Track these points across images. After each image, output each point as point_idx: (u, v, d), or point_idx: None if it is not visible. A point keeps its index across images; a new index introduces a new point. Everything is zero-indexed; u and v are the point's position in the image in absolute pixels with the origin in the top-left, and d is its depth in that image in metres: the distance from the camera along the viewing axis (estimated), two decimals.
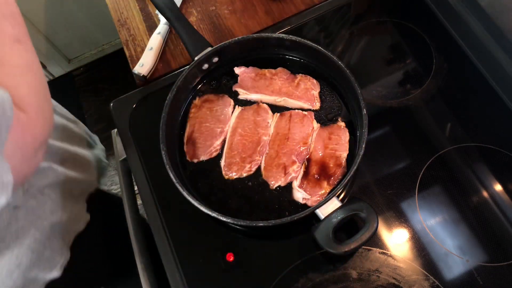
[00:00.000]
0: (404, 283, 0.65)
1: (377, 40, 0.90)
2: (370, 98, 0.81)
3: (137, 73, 0.86)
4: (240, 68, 0.82)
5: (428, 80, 0.82)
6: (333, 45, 0.89)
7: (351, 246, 0.61)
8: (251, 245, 0.71)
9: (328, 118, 0.77)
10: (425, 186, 0.72)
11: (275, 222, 0.63)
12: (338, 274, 0.67)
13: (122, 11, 0.99)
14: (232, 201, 0.72)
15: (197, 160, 0.76)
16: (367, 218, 0.63)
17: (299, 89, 0.79)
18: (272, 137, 0.76)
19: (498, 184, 0.72)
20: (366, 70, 0.85)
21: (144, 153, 0.80)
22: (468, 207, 0.70)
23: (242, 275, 0.68)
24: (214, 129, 0.78)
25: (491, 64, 0.81)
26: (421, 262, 0.67)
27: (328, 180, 0.70)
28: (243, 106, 0.80)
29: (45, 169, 0.73)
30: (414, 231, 0.69)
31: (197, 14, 0.95)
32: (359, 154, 0.66)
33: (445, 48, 0.85)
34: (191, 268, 0.69)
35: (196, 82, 0.82)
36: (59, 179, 0.76)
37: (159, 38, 0.90)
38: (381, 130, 0.78)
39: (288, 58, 0.83)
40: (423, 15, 0.89)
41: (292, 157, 0.73)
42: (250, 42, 0.80)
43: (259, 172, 0.74)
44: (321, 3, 0.93)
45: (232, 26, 0.93)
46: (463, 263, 0.66)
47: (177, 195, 0.67)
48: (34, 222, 0.70)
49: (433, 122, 0.78)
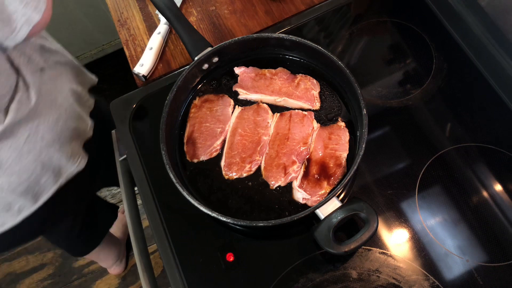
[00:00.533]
0: (404, 283, 0.65)
1: (377, 40, 0.90)
2: (370, 98, 0.81)
3: (137, 73, 0.86)
4: (240, 68, 0.82)
5: (428, 80, 0.82)
6: (333, 45, 0.89)
7: (351, 246, 0.61)
8: (251, 245, 0.71)
9: (328, 118, 0.77)
10: (425, 186, 0.72)
11: (275, 222, 0.63)
12: (338, 274, 0.67)
13: (122, 11, 0.99)
14: (232, 201, 0.72)
15: (197, 160, 0.76)
16: (367, 218, 0.63)
17: (299, 89, 0.79)
18: (272, 137, 0.76)
19: (498, 184, 0.72)
20: (366, 70, 0.85)
21: (144, 153, 0.80)
22: (468, 207, 0.70)
23: (242, 275, 0.68)
24: (214, 129, 0.78)
25: (491, 64, 0.81)
26: (421, 262, 0.67)
27: (328, 180, 0.70)
28: (243, 106, 0.80)
29: (57, 51, 0.85)
30: (414, 231, 0.69)
31: (197, 14, 0.95)
32: (359, 154, 0.66)
33: (445, 48, 0.85)
34: (191, 268, 0.69)
35: (196, 82, 0.82)
36: (70, 62, 0.88)
37: (159, 38, 0.90)
38: (381, 130, 0.78)
39: (288, 58, 0.83)
40: (423, 15, 0.89)
41: (292, 157, 0.73)
42: (250, 42, 0.80)
43: (259, 172, 0.74)
44: (321, 3, 0.93)
45: (232, 26, 0.93)
46: (463, 263, 0.66)
47: (177, 195, 0.67)
48: (55, 95, 0.79)
49: (433, 122, 0.78)
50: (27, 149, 0.75)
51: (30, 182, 0.78)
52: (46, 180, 0.81)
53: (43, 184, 0.80)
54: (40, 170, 0.78)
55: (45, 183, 0.81)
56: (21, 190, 0.77)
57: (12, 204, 0.78)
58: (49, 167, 0.80)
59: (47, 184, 0.81)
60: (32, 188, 0.79)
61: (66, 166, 0.83)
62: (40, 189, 0.80)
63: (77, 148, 0.86)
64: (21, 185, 0.77)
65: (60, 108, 0.80)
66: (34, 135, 0.75)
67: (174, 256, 0.70)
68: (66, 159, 0.82)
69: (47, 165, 0.79)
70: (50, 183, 0.82)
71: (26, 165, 0.76)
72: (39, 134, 0.76)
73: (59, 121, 0.79)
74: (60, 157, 0.81)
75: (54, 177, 0.82)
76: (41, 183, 0.80)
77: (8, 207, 0.78)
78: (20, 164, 0.75)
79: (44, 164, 0.79)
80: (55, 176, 0.82)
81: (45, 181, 0.80)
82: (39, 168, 0.78)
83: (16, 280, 1.67)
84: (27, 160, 0.75)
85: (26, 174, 0.76)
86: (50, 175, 0.81)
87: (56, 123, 0.79)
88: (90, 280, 1.65)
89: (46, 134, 0.77)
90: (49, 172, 0.80)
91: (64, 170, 0.83)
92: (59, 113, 0.80)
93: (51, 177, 0.81)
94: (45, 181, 0.80)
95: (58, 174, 0.83)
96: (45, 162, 0.79)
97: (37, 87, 0.75)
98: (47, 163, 0.79)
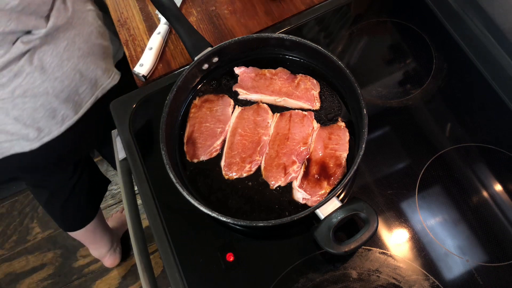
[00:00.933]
0: (404, 283, 0.65)
1: (377, 40, 0.90)
2: (370, 98, 0.81)
3: (137, 73, 0.87)
4: (240, 68, 0.82)
5: (428, 80, 0.82)
6: (333, 45, 0.89)
7: (351, 246, 0.61)
8: (251, 245, 0.71)
9: (328, 118, 0.77)
10: (425, 186, 0.72)
11: (275, 222, 0.63)
12: (338, 274, 0.67)
13: (122, 11, 0.99)
14: (232, 201, 0.72)
15: (197, 160, 0.76)
16: (367, 218, 0.63)
17: (299, 89, 0.79)
18: (272, 137, 0.76)
19: (498, 184, 0.72)
20: (366, 70, 0.85)
21: (144, 153, 0.80)
22: (468, 207, 0.70)
23: (242, 275, 0.68)
24: (214, 129, 0.78)
25: (491, 64, 0.81)
26: (421, 262, 0.67)
27: (328, 180, 0.70)
28: (243, 106, 0.80)
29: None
30: (414, 231, 0.69)
31: (197, 14, 0.95)
32: (359, 154, 0.66)
33: (445, 48, 0.85)
34: (191, 268, 0.69)
35: (196, 82, 0.82)
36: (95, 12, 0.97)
37: (159, 38, 0.90)
38: (381, 130, 0.78)
39: (288, 58, 0.83)
40: (423, 15, 0.89)
41: (292, 157, 0.73)
42: (250, 42, 0.80)
43: (259, 172, 0.74)
44: (321, 3, 0.93)
45: (232, 26, 0.93)
46: (463, 263, 0.66)
47: (177, 195, 0.67)
48: (86, 14, 0.91)
49: (433, 122, 0.78)
50: (66, 56, 0.85)
51: (71, 90, 0.87)
52: (84, 90, 0.90)
53: (81, 93, 0.90)
54: (79, 79, 0.88)
55: (83, 92, 0.90)
56: (64, 96, 0.87)
57: (57, 111, 0.88)
58: (86, 76, 0.89)
59: (86, 95, 0.91)
60: (72, 97, 0.88)
61: (101, 78, 0.92)
62: (80, 99, 0.90)
63: (110, 65, 0.96)
64: (63, 91, 0.86)
65: (91, 26, 0.91)
66: (71, 44, 0.86)
67: (174, 256, 0.70)
68: (101, 72, 0.92)
69: (84, 75, 0.89)
70: (88, 94, 0.91)
71: (67, 72, 0.86)
72: (76, 44, 0.87)
73: (91, 36, 0.90)
74: (95, 69, 0.91)
75: (91, 88, 0.91)
76: (80, 93, 0.89)
77: (54, 114, 0.87)
78: (61, 70, 0.85)
79: (82, 73, 0.88)
80: (92, 87, 0.91)
81: (83, 90, 0.90)
82: (78, 76, 0.88)
83: (16, 280, 1.67)
84: (67, 67, 0.86)
85: (67, 81, 0.86)
86: (88, 85, 0.90)
87: (89, 36, 0.90)
88: (90, 280, 1.65)
89: (82, 45, 0.88)
90: (86, 82, 0.90)
91: (100, 83, 0.93)
92: (91, 30, 0.91)
93: (88, 87, 0.90)
94: (83, 90, 0.90)
95: (95, 86, 0.92)
96: (83, 72, 0.88)
97: (72, 1, 0.87)
98: (85, 73, 0.89)
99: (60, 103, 0.87)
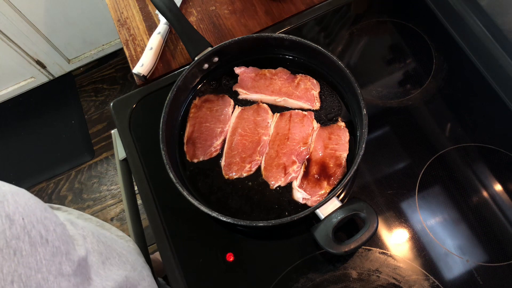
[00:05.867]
0: (404, 283, 0.65)
1: (377, 40, 0.90)
2: (370, 98, 0.81)
3: (137, 73, 0.87)
4: (240, 68, 0.82)
5: (428, 80, 0.82)
6: (333, 45, 0.89)
7: (351, 246, 0.61)
8: (251, 245, 0.71)
9: (328, 118, 0.77)
10: (425, 186, 0.72)
11: (275, 222, 0.63)
12: (338, 274, 0.67)
13: (122, 11, 0.99)
14: (232, 201, 0.72)
15: (197, 160, 0.76)
16: (367, 218, 0.63)
17: (299, 89, 0.79)
18: (272, 137, 0.76)
19: (498, 184, 0.72)
20: (366, 70, 0.85)
21: (144, 153, 0.80)
22: (468, 207, 0.70)
23: (242, 275, 0.68)
24: (214, 129, 0.78)
25: (491, 64, 0.81)
26: (421, 262, 0.67)
27: (328, 180, 0.70)
28: (243, 106, 0.80)
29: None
30: (414, 231, 0.69)
31: (197, 14, 0.95)
32: (359, 154, 0.66)
33: (445, 48, 0.85)
34: (191, 268, 0.69)
35: (196, 82, 0.82)
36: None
37: (159, 38, 0.90)
38: (381, 130, 0.78)
39: (288, 58, 0.83)
40: (423, 15, 0.89)
41: (292, 157, 0.73)
42: (250, 42, 0.80)
43: (259, 172, 0.74)
44: (321, 3, 0.93)
45: (232, 26, 0.93)
46: (463, 263, 0.66)
47: (177, 195, 0.67)
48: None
49: (433, 122, 0.78)
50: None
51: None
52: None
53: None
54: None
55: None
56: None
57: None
58: None
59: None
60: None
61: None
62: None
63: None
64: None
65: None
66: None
67: (174, 256, 0.70)
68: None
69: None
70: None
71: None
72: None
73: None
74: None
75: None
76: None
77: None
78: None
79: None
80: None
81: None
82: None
83: None
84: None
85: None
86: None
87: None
88: None
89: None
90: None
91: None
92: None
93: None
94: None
95: None
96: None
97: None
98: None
99: None
